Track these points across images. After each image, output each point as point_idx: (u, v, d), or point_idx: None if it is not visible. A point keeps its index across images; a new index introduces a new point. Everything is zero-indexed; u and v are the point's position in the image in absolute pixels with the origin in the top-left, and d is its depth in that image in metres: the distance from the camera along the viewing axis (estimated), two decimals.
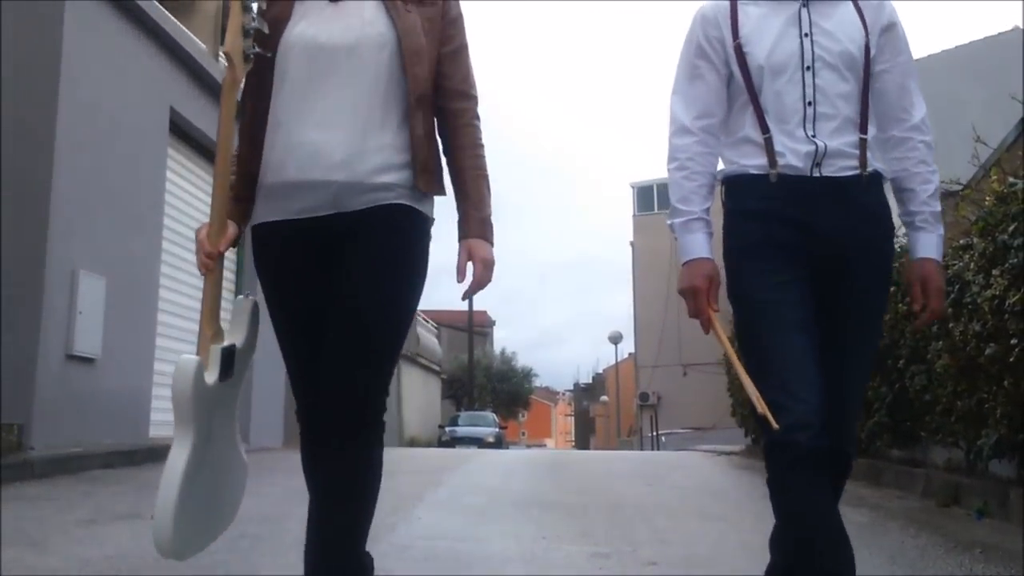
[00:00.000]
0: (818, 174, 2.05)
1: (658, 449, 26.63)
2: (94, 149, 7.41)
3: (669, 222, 2.18)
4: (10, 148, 6.74)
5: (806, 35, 2.10)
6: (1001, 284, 4.56)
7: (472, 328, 37.57)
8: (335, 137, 1.97)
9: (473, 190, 2.10)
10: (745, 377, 2.01)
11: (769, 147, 2.07)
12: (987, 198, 5.33)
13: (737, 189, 2.14)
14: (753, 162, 2.09)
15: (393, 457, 2.47)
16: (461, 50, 2.15)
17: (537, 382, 53.53)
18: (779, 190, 2.05)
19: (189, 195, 9.66)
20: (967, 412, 5.26)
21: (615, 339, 39.21)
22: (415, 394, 29.12)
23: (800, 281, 2.02)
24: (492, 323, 56.43)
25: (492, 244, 2.10)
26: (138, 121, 8.24)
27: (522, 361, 50.12)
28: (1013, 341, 4.41)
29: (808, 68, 2.08)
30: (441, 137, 2.14)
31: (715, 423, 22.64)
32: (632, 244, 36.60)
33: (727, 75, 2.17)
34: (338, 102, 1.99)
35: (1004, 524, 4.54)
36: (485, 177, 2.14)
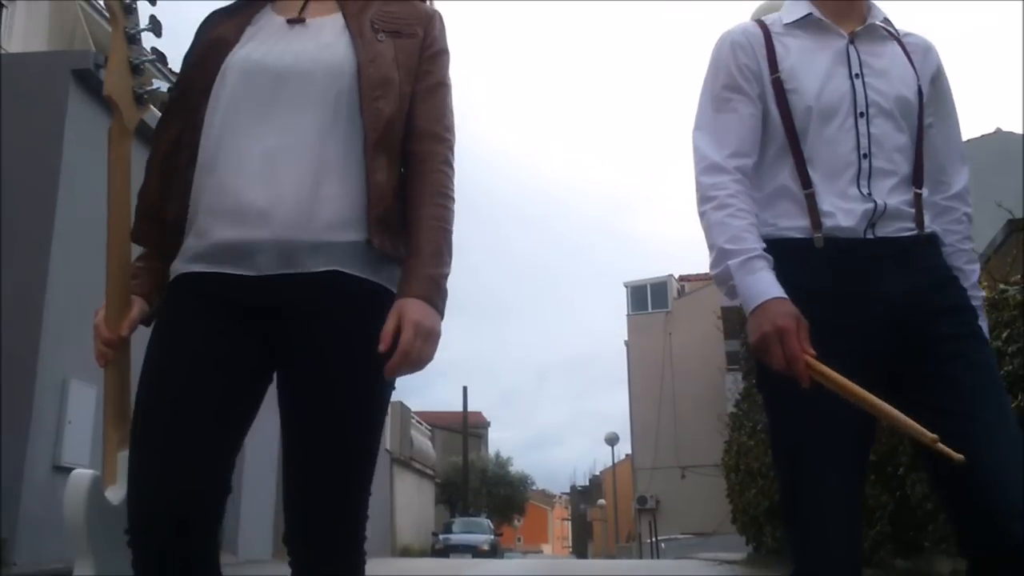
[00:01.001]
0: (872, 236, 1.75)
1: (658, 556, 26.01)
2: (89, 257, 7.44)
3: (717, 270, 1.77)
4: (7, 255, 6.79)
5: (856, 76, 1.83)
6: None
7: (467, 430, 37.15)
8: (279, 183, 1.59)
9: (426, 242, 1.66)
10: (896, 414, 1.58)
11: (812, 205, 1.76)
12: None
13: (775, 257, 1.76)
14: (792, 223, 1.78)
15: (379, 572, 2.33)
16: (438, 88, 1.80)
17: (533, 485, 52.62)
18: (827, 258, 1.74)
19: None
20: None
21: (611, 440, 38.74)
22: (408, 500, 28.55)
23: (859, 376, 1.63)
24: (487, 424, 55.84)
25: (439, 311, 1.63)
26: None
27: (518, 463, 49.51)
28: None
29: (862, 115, 1.80)
30: (405, 187, 1.74)
31: (715, 528, 22.17)
32: (627, 344, 36.58)
33: (762, 111, 1.86)
34: (284, 139, 1.62)
35: None
36: (445, 231, 1.71)
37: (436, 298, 1.64)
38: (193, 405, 1.56)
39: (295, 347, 1.61)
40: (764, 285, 1.70)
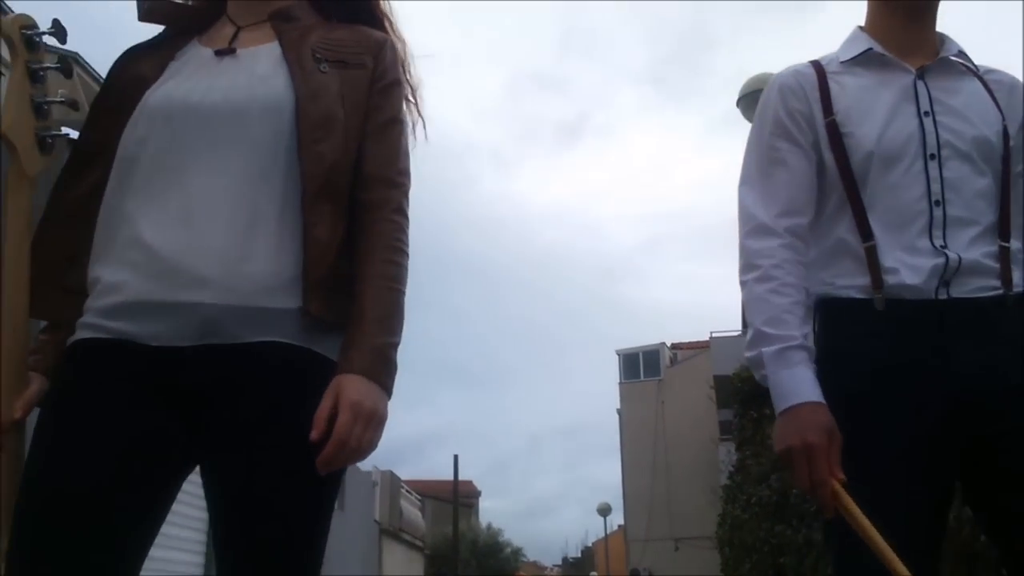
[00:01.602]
0: (945, 295, 1.53)
1: None
2: None
3: (751, 353, 1.58)
4: None
5: (926, 114, 1.63)
6: None
7: (457, 500, 36.58)
8: (204, 238, 1.35)
9: (372, 306, 1.41)
10: (886, 551, 1.37)
11: (872, 260, 1.56)
12: None
13: (832, 320, 1.61)
14: (852, 281, 1.59)
15: None
16: (391, 126, 1.55)
17: (524, 557, 51.69)
18: (889, 321, 1.54)
19: None
20: None
21: (604, 511, 38.17)
22: (397, 573, 27.94)
23: (921, 464, 1.45)
24: (478, 493, 55.05)
25: (385, 389, 1.38)
26: None
27: (509, 533, 48.75)
28: None
29: (932, 157, 1.59)
30: (354, 240, 1.50)
31: None
32: (619, 412, 36.30)
33: (815, 162, 1.68)
34: (210, 188, 1.37)
35: None
36: (396, 292, 1.45)
37: (382, 373, 1.37)
38: (88, 522, 1.27)
39: (218, 435, 1.34)
40: (798, 384, 1.51)
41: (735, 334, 24.69)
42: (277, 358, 1.36)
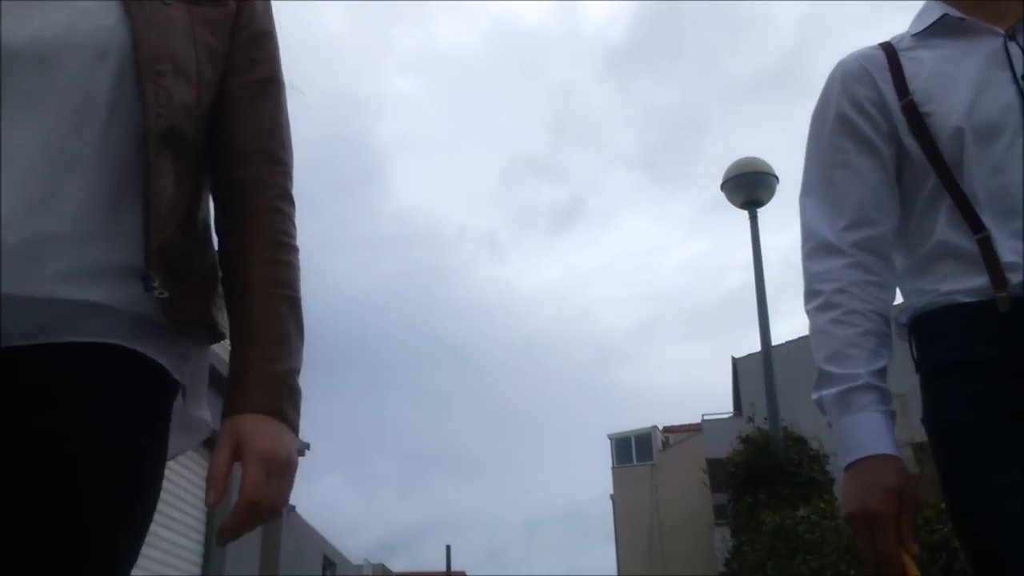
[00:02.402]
0: None
1: None
2: None
3: (814, 396, 1.38)
4: None
5: None
6: None
7: None
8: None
9: (263, 322, 1.14)
10: None
11: (989, 254, 1.30)
12: None
13: (938, 333, 1.35)
14: (961, 285, 1.33)
15: None
16: (267, 87, 1.26)
17: None
18: (1016, 323, 1.27)
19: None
20: None
21: None
22: None
23: None
24: None
25: (293, 427, 1.11)
26: None
27: None
28: None
29: None
30: (219, 231, 1.24)
31: None
32: (612, 497, 35.83)
33: (893, 156, 1.43)
34: (13, 147, 1.04)
35: None
36: (291, 301, 1.18)
37: (287, 407, 1.11)
38: None
39: (29, 449, 1.01)
40: (864, 433, 1.29)
41: (727, 416, 24.59)
42: (103, 358, 1.06)
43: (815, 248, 1.43)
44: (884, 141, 1.44)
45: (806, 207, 1.47)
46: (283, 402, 1.11)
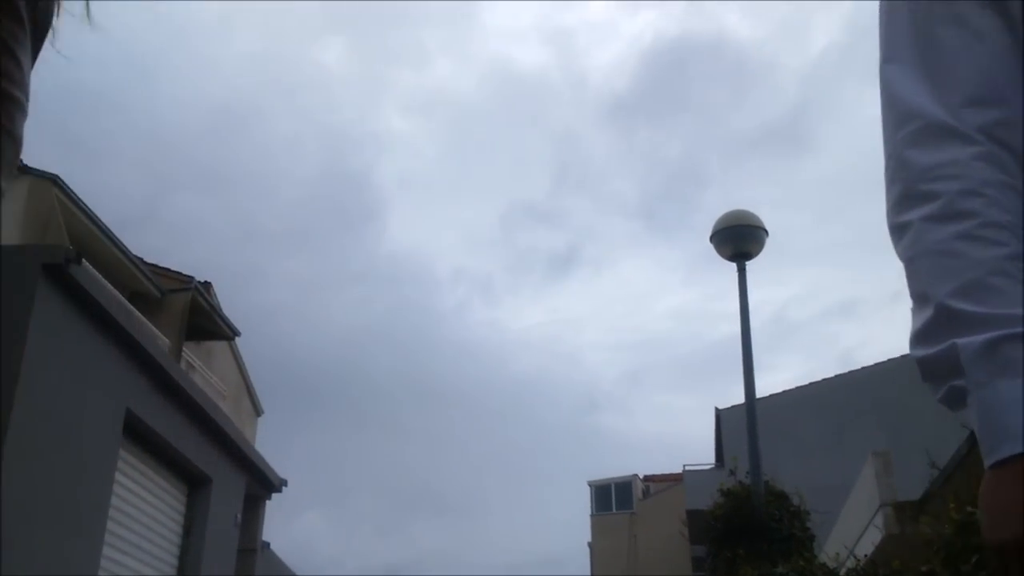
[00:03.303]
0: None
1: None
2: (43, 455, 7.28)
3: (929, 350, 0.89)
4: None
5: None
6: None
7: None
8: None
9: None
10: None
11: None
12: (946, 526, 5.33)
13: None
14: None
15: None
16: None
17: None
18: None
19: (138, 498, 9.39)
20: None
21: None
22: None
23: None
24: None
25: None
26: (92, 424, 8.16)
27: None
28: None
29: None
30: None
31: None
32: (590, 545, 35.47)
33: (1006, 26, 0.97)
34: None
35: None
36: None
37: None
38: None
39: None
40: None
41: (708, 468, 24.45)
42: None
43: (920, 131, 0.96)
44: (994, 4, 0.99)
45: (894, 77, 1.02)
46: None
